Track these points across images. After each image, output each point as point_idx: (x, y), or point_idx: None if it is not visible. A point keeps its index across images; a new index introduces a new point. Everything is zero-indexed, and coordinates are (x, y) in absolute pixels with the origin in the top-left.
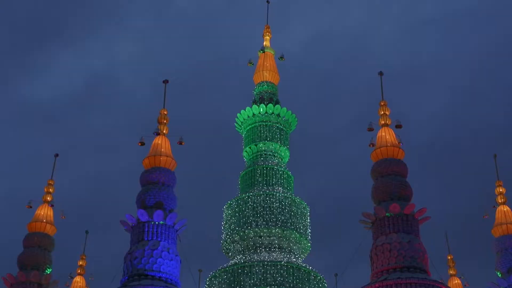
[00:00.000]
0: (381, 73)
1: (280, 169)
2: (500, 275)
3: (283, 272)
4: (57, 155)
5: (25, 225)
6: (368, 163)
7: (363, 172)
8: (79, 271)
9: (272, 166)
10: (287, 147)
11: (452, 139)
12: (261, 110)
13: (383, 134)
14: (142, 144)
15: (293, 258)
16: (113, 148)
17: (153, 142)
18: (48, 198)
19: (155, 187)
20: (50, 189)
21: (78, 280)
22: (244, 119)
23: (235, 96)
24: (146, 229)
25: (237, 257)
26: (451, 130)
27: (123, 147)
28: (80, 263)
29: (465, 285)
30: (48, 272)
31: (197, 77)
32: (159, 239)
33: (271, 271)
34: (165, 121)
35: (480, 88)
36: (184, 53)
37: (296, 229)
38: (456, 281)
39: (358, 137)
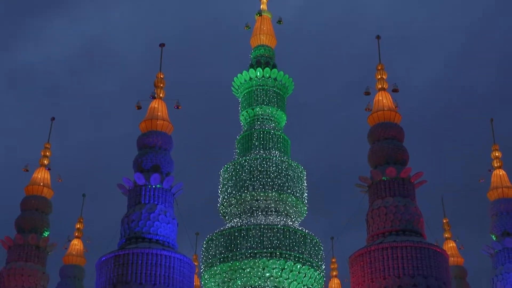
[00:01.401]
0: (378, 37)
1: (276, 133)
2: (494, 238)
3: (280, 236)
4: (53, 118)
5: (22, 188)
6: (365, 128)
7: (360, 137)
8: (76, 234)
9: (268, 130)
10: (283, 111)
11: (448, 104)
12: (258, 74)
13: (380, 98)
14: (139, 107)
15: (290, 222)
16: (109, 112)
17: (150, 106)
18: (45, 161)
19: (152, 151)
20: (47, 153)
21: (76, 243)
22: (240, 83)
23: (231, 60)
24: (143, 193)
25: (233, 221)
26: (446, 96)
27: (119, 111)
28: (78, 226)
29: (459, 248)
30: (46, 235)
31: (193, 41)
32: (156, 202)
33: (268, 235)
34: (161, 85)
35: (474, 54)
36: (180, 16)
37: (293, 193)
38: (451, 244)
39: (354, 102)
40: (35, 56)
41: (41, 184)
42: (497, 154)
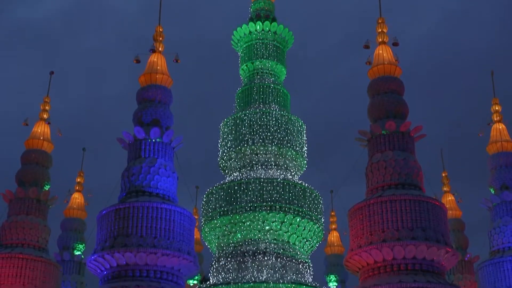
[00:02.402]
0: None
1: (276, 87)
2: (493, 192)
3: (279, 189)
4: (52, 72)
5: (22, 142)
6: (365, 82)
7: (360, 91)
8: (77, 187)
9: (268, 84)
10: (283, 65)
11: (448, 57)
12: (258, 27)
13: (380, 52)
14: (138, 61)
15: (289, 175)
16: (107, 67)
17: (149, 60)
18: (45, 115)
19: (151, 105)
20: (47, 107)
21: (77, 196)
22: (240, 37)
23: (231, 13)
24: (143, 147)
25: (233, 174)
26: (446, 49)
27: (117, 66)
28: (78, 180)
29: (458, 202)
30: (47, 189)
31: None
32: (156, 156)
33: (267, 188)
34: (160, 39)
35: (474, 7)
36: None
37: (292, 147)
38: (449, 198)
39: (354, 56)
40: (33, 11)
41: (41, 138)
42: (497, 108)
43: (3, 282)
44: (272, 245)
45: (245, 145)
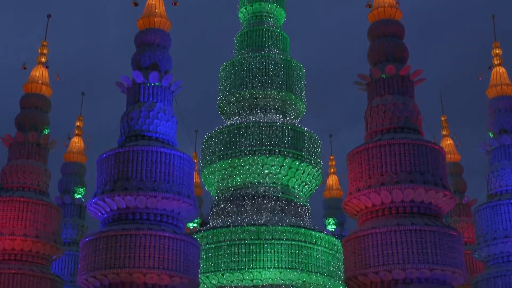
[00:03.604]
0: None
1: (276, 30)
2: (492, 136)
3: (278, 133)
4: (49, 16)
5: (21, 86)
6: (365, 26)
7: (360, 35)
8: (76, 132)
9: (268, 28)
10: (283, 8)
11: (449, 0)
12: None
13: None
14: (136, 4)
15: (289, 119)
16: (105, 11)
17: (147, 3)
18: (43, 59)
19: (150, 48)
20: (44, 50)
21: (76, 140)
22: None
23: None
24: (142, 91)
25: (233, 118)
26: None
27: (115, 10)
28: (78, 124)
29: (457, 145)
30: (46, 133)
31: None
32: (155, 100)
33: (267, 132)
34: None
35: None
36: None
37: (292, 91)
38: (448, 142)
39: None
40: None
41: (40, 82)
42: (497, 52)
43: (4, 225)
44: (271, 188)
45: (244, 89)
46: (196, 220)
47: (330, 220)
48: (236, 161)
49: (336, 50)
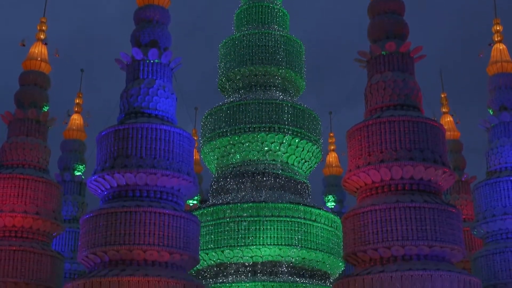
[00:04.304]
0: None
1: (275, 7)
2: (492, 113)
3: (278, 110)
4: None
5: (20, 63)
6: (366, 2)
7: (361, 11)
8: (76, 109)
9: (267, 4)
10: None
11: None
12: None
13: None
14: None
15: (288, 97)
16: None
17: None
18: (41, 36)
19: (149, 25)
20: (43, 27)
21: (76, 117)
22: None
23: None
24: (141, 68)
25: (232, 96)
26: None
27: None
28: (77, 101)
29: (456, 123)
30: (46, 110)
31: None
32: (154, 77)
33: (266, 109)
34: None
35: None
36: None
37: (291, 68)
38: (448, 119)
39: None
40: None
41: (38, 59)
42: (498, 28)
43: (5, 202)
44: (271, 165)
45: (244, 66)
46: (196, 197)
47: (329, 197)
48: (236, 138)
49: (336, 27)
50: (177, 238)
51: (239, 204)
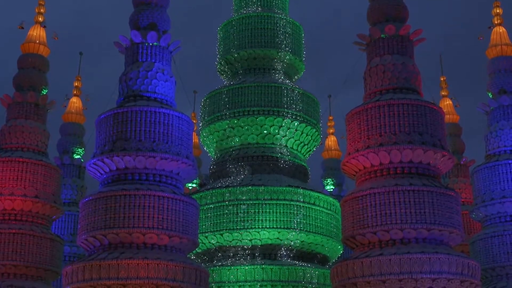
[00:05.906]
0: None
1: None
2: (491, 96)
3: (278, 94)
4: None
5: (19, 46)
6: None
7: None
8: (75, 92)
9: None
10: None
11: None
12: None
13: None
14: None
15: (287, 80)
16: None
17: None
18: (40, 18)
19: (148, 8)
20: (42, 10)
21: (75, 100)
22: None
23: None
24: (140, 51)
25: (232, 79)
26: None
27: None
28: (76, 84)
29: (456, 106)
30: (44, 93)
31: None
32: (153, 60)
33: (266, 92)
34: None
35: None
36: None
37: (291, 51)
38: (447, 102)
39: None
40: None
41: (37, 42)
42: (498, 11)
43: (4, 185)
44: (270, 149)
45: (243, 49)
46: (195, 181)
47: (328, 181)
48: (235, 121)
49: (336, 10)
50: (176, 221)
51: (238, 187)
